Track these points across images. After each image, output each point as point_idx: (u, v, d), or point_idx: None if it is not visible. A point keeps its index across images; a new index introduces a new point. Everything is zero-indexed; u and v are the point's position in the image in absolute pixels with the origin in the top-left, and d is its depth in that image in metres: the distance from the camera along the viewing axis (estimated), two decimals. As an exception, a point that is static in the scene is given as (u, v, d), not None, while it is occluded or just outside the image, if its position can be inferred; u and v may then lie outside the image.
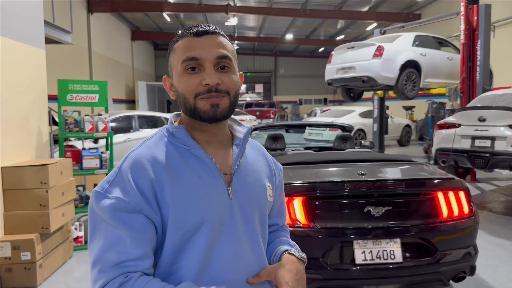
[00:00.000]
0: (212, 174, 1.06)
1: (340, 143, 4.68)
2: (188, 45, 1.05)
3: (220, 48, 1.05)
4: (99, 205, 0.98)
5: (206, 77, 1.02)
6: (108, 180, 1.02)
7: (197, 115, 1.05)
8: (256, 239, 1.13)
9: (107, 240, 0.96)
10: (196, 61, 1.04)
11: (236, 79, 1.09)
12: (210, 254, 1.03)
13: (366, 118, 13.78)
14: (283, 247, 1.21)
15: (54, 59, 11.46)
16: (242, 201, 1.10)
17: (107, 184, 1.01)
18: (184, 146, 1.06)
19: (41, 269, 3.70)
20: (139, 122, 9.57)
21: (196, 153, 1.06)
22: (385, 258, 2.67)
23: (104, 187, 1.01)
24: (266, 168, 1.23)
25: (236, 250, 1.06)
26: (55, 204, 3.87)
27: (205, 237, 1.02)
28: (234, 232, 1.06)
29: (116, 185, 1.00)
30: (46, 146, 4.70)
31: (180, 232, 1.00)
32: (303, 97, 32.90)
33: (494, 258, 4.16)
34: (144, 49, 25.81)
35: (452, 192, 2.88)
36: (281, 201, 1.33)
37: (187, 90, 1.04)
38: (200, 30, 1.06)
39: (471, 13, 7.91)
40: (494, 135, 5.36)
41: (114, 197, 0.97)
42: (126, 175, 1.00)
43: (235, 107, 1.09)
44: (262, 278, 1.10)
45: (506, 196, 6.92)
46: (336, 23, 22.25)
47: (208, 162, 1.06)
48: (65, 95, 4.70)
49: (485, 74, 7.78)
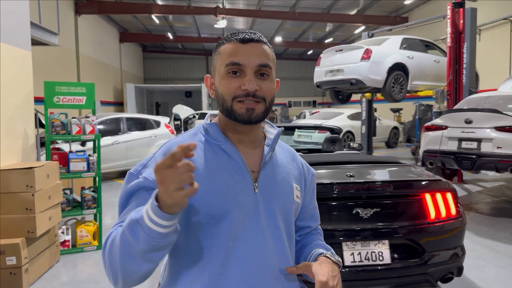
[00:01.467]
0: (239, 169, 1.13)
1: (329, 145, 4.70)
2: (233, 51, 1.11)
3: (262, 57, 1.12)
4: (129, 183, 1.08)
5: (246, 83, 1.09)
6: (142, 164, 1.13)
7: (233, 116, 1.11)
8: (280, 236, 1.16)
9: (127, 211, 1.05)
10: (239, 66, 1.10)
11: (273, 86, 1.16)
12: (233, 244, 1.08)
13: (355, 120, 13.87)
14: (319, 250, 1.25)
15: (40, 61, 11.34)
16: (267, 197, 1.15)
17: (141, 167, 1.12)
18: (215, 142, 1.15)
19: (27, 274, 3.64)
20: (127, 125, 9.50)
21: (226, 149, 1.14)
22: (374, 260, 2.69)
23: (137, 169, 1.12)
24: (296, 171, 1.28)
25: (259, 244, 1.11)
26: (42, 208, 3.82)
27: (229, 226, 1.08)
28: (258, 226, 1.11)
29: (148, 167, 1.10)
30: (32, 149, 4.63)
31: (206, 218, 1.07)
32: (293, 99, 33.01)
33: (481, 259, 4.20)
34: (132, 51, 25.67)
35: (439, 193, 2.90)
36: (314, 205, 1.39)
37: (226, 92, 1.11)
38: (246, 38, 1.12)
39: (458, 16, 8.02)
40: (480, 137, 5.43)
41: (143, 177, 1.07)
42: (157, 159, 1.09)
43: (269, 112, 1.16)
44: (300, 270, 1.15)
45: (493, 197, 7.01)
46: (325, 26, 22.39)
47: (236, 157, 1.13)
48: (51, 98, 4.65)
49: (471, 76, 7.89)
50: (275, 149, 1.24)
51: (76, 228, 4.65)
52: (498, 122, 5.28)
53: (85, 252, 4.60)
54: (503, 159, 5.17)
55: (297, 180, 1.27)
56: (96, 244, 4.69)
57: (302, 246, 1.31)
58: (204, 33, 23.95)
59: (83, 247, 4.62)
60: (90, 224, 4.77)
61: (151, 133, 9.80)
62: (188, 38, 24.70)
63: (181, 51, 29.63)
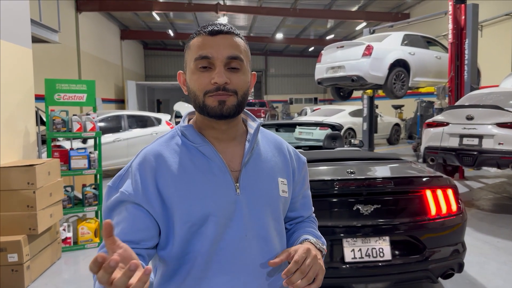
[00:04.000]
0: (219, 170, 1.09)
1: (330, 142, 4.70)
2: (201, 44, 1.08)
3: (232, 49, 1.08)
4: (108, 199, 1.08)
5: (215, 76, 1.05)
6: (120, 175, 1.11)
7: (205, 111, 1.08)
8: (266, 236, 1.13)
9: None
10: (208, 60, 1.06)
11: (245, 79, 1.11)
12: (216, 246, 1.06)
13: (356, 117, 13.84)
14: (305, 236, 1.21)
15: (41, 59, 11.34)
16: (250, 196, 1.11)
17: (118, 179, 1.10)
18: (193, 144, 1.11)
19: (28, 271, 3.65)
20: (128, 122, 9.50)
21: (204, 151, 1.10)
22: (374, 256, 2.69)
23: (115, 182, 1.10)
24: (281, 163, 1.22)
25: (241, 246, 1.08)
26: (43, 205, 3.83)
27: (211, 230, 1.05)
28: (240, 227, 1.08)
29: (125, 180, 1.08)
30: (33, 147, 4.64)
31: (187, 225, 1.05)
32: (294, 97, 32.97)
33: (482, 255, 4.20)
34: (133, 48, 25.65)
35: (440, 190, 2.90)
36: (304, 194, 1.34)
37: (197, 87, 1.08)
38: (214, 30, 1.09)
39: (459, 12, 7.99)
40: (481, 133, 5.41)
41: (120, 191, 1.05)
42: (134, 171, 1.08)
43: (243, 106, 1.12)
44: (281, 259, 1.09)
45: (494, 194, 7.00)
46: (326, 23, 22.33)
47: (215, 158, 1.09)
48: (52, 95, 4.65)
49: (473, 73, 7.86)
50: (259, 142, 1.20)
51: (78, 225, 4.66)
52: (500, 118, 5.27)
53: (87, 249, 4.61)
54: (504, 155, 5.16)
55: (283, 173, 1.22)
56: (97, 241, 4.70)
57: (291, 233, 1.28)
58: (205, 30, 23.90)
59: (84, 244, 4.63)
60: (92, 221, 4.78)
61: (152, 130, 9.80)
62: (189, 35, 24.41)
63: (182, 48, 29.49)
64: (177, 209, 1.04)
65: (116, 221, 1.04)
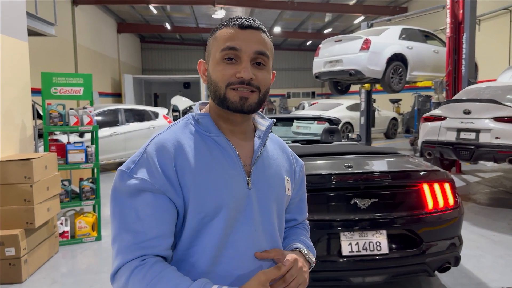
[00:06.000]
0: (233, 163, 1.08)
1: (328, 136, 4.70)
2: (230, 35, 1.07)
3: (260, 45, 1.08)
4: (125, 184, 1.02)
5: (241, 70, 1.05)
6: (133, 161, 1.05)
7: (225, 104, 1.07)
8: (272, 231, 1.14)
9: (127, 220, 1.00)
10: (235, 51, 1.06)
11: (268, 77, 1.11)
12: (226, 240, 1.04)
13: (353, 111, 13.85)
14: (297, 244, 1.23)
15: (37, 52, 11.27)
16: (260, 192, 1.12)
17: (133, 164, 1.04)
18: (207, 134, 1.09)
19: (26, 265, 3.65)
20: (125, 116, 9.48)
21: (219, 141, 1.09)
22: (372, 250, 2.70)
23: (130, 167, 1.04)
24: (286, 163, 1.25)
25: (251, 239, 1.07)
26: (40, 199, 3.82)
27: (222, 223, 1.04)
28: (250, 221, 1.08)
29: (142, 166, 1.03)
30: (30, 140, 4.62)
31: (200, 215, 1.03)
32: (291, 91, 32.92)
33: (479, 249, 4.23)
34: (130, 41, 25.51)
35: (437, 184, 2.91)
36: (301, 197, 1.35)
37: (220, 78, 1.06)
38: (245, 24, 1.08)
39: (457, 6, 7.97)
40: (479, 127, 5.42)
41: (140, 178, 1.00)
42: (151, 157, 1.03)
43: (262, 103, 1.13)
44: (270, 255, 1.10)
45: (491, 188, 7.03)
46: (324, 16, 22.25)
47: (230, 151, 1.08)
48: (49, 88, 4.63)
49: (470, 67, 7.86)
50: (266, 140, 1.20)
51: (75, 219, 4.66)
52: (497, 112, 5.28)
53: (84, 243, 4.61)
54: (501, 149, 5.17)
55: (288, 173, 1.24)
56: (95, 235, 4.70)
57: (284, 238, 1.28)
58: (203, 23, 23.79)
59: (82, 238, 4.63)
60: (89, 215, 4.78)
61: (149, 124, 9.78)
62: (186, 29, 24.56)
63: (179, 41, 29.45)
64: (193, 199, 1.02)
65: (140, 214, 0.99)
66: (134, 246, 0.98)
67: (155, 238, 0.99)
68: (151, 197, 1.00)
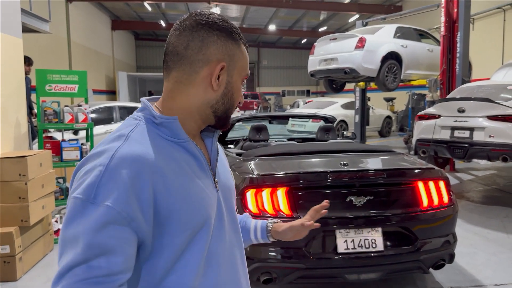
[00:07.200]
0: (203, 169, 0.99)
1: (323, 134, 4.71)
2: (247, 60, 1.04)
3: None
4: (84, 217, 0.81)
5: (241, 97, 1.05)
6: (92, 183, 0.83)
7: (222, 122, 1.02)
8: (238, 229, 1.12)
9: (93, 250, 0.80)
10: None
11: None
12: (209, 249, 0.97)
13: (348, 109, 13.88)
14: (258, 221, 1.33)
15: (32, 49, 11.18)
16: (224, 192, 1.07)
17: (93, 189, 0.82)
18: (173, 139, 0.95)
19: (20, 263, 3.63)
20: (120, 113, 9.44)
21: (187, 147, 0.96)
22: (367, 247, 2.71)
23: (90, 193, 0.82)
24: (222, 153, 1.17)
25: (226, 241, 1.03)
26: (35, 197, 3.80)
27: (206, 234, 0.95)
28: (222, 223, 1.03)
29: (106, 189, 0.82)
30: (24, 138, 4.60)
31: (186, 233, 0.91)
32: (286, 89, 32.95)
33: (472, 246, 4.26)
34: (124, 39, 25.40)
35: (432, 181, 2.93)
36: None
37: (236, 100, 1.02)
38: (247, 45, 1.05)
39: (451, 5, 8.01)
40: (472, 126, 5.46)
41: (107, 206, 0.81)
42: (121, 177, 0.84)
43: None
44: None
45: (484, 186, 7.08)
46: (319, 15, 22.27)
47: (199, 156, 0.98)
48: (43, 86, 4.60)
49: (464, 66, 7.90)
50: None
51: (70, 217, 4.64)
52: (491, 111, 5.32)
53: (79, 241, 4.59)
54: (495, 147, 5.21)
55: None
56: (90, 233, 4.68)
57: None
58: (197, 21, 23.72)
59: (77, 236, 4.61)
60: (84, 213, 4.76)
61: (144, 122, 9.75)
62: (181, 26, 24.44)
63: (174, 39, 29.32)
64: (175, 219, 0.89)
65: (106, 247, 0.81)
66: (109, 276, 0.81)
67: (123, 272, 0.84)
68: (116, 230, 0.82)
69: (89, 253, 0.80)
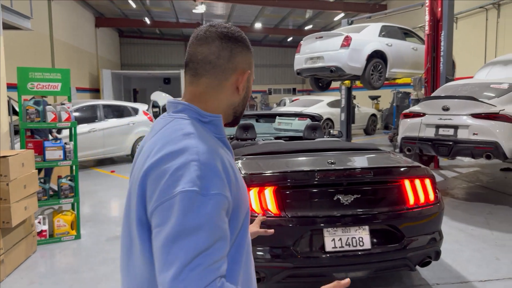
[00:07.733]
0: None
1: (310, 132, 4.71)
2: None
3: None
4: (203, 209, 0.87)
5: None
6: (195, 177, 0.88)
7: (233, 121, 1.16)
8: None
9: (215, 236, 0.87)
10: None
11: None
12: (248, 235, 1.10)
13: (334, 107, 13.96)
14: None
15: (13, 46, 10.96)
16: None
17: (199, 180, 0.88)
18: (217, 135, 1.07)
19: (3, 265, 3.55)
20: (104, 112, 9.32)
21: (225, 142, 1.09)
22: (354, 245, 2.72)
23: (200, 184, 0.88)
24: None
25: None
26: (17, 198, 3.72)
27: (247, 223, 1.07)
28: None
29: (209, 180, 0.89)
30: (6, 137, 4.49)
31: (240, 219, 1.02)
32: (272, 87, 32.95)
33: (457, 243, 4.31)
34: (108, 36, 25.07)
35: (418, 179, 2.95)
36: None
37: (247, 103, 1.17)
38: None
39: (436, 4, 8.09)
40: (457, 123, 5.52)
41: (220, 195, 0.90)
42: (216, 169, 0.92)
43: None
44: None
45: (468, 183, 7.18)
46: (305, 13, 22.31)
47: (231, 149, 1.13)
48: (25, 84, 4.50)
49: (448, 64, 8.00)
50: None
51: (53, 218, 4.56)
52: (474, 109, 5.38)
53: (63, 242, 4.52)
54: (478, 145, 5.28)
55: None
56: (74, 234, 4.61)
57: None
58: (183, 18, 23.55)
59: (60, 237, 4.54)
60: (68, 213, 4.68)
61: (129, 120, 9.64)
62: (166, 23, 24.25)
63: (159, 36, 29.09)
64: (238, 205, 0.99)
65: (222, 233, 0.89)
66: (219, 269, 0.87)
67: (225, 255, 0.91)
68: (223, 214, 0.91)
69: (212, 239, 0.86)
